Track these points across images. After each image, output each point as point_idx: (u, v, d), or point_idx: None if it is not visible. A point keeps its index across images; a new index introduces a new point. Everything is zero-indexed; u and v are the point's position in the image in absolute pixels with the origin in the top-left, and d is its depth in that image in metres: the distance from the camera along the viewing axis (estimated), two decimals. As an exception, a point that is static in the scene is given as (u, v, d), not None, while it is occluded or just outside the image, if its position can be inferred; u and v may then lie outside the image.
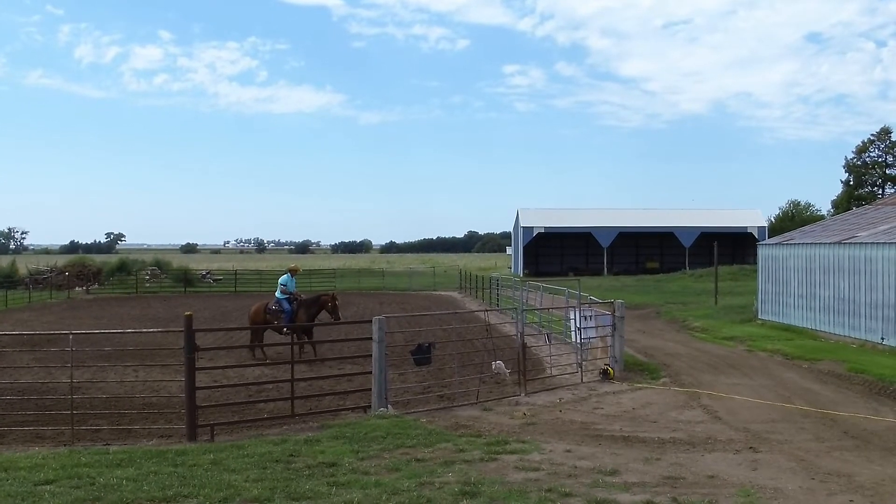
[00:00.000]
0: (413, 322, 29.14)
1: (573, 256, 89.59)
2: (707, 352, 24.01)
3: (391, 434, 12.30)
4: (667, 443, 12.14)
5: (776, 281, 31.11)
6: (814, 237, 29.81)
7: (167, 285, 64.24)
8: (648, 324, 33.29)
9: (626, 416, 14.50)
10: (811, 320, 27.91)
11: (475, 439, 12.16)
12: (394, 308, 41.78)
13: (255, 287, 61.30)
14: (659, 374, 19.37)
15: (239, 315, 37.49)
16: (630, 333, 24.60)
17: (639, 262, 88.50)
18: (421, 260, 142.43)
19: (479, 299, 46.61)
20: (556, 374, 18.82)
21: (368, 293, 56.41)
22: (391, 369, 15.73)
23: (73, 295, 55.71)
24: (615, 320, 19.50)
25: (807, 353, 22.79)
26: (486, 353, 18.34)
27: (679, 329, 31.48)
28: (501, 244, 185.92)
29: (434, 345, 16.73)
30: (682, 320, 34.11)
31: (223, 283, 66.55)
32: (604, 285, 57.76)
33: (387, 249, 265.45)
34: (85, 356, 19.41)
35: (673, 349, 24.50)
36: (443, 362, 19.03)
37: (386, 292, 57.85)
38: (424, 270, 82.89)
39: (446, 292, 56.76)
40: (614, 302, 20.30)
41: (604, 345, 20.09)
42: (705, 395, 16.43)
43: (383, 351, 14.61)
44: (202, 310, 40.11)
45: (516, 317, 18.93)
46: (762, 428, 13.32)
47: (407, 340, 22.83)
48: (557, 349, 21.48)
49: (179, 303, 47.28)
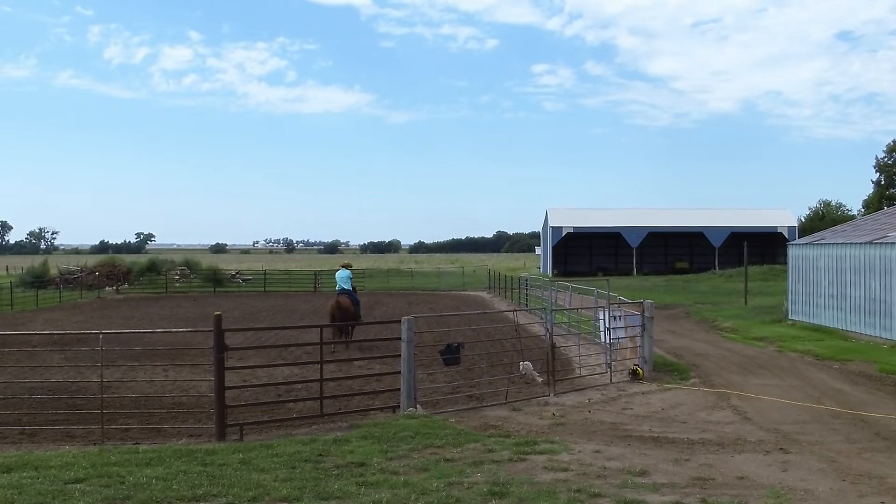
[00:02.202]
0: (442, 322, 29.13)
1: (602, 256, 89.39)
2: (737, 352, 23.83)
3: (420, 434, 12.29)
4: (696, 443, 12.07)
5: (806, 281, 30.84)
6: (844, 237, 29.51)
7: (196, 285, 64.59)
8: (678, 324, 33.10)
9: (655, 416, 14.43)
10: (842, 321, 27.63)
11: (504, 439, 12.13)
12: (422, 308, 41.80)
13: (284, 287, 61.66)
14: (688, 374, 19.26)
15: (267, 315, 37.69)
16: (659, 334, 24.47)
17: (668, 262, 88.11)
18: (450, 260, 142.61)
19: (508, 299, 46.53)
20: (586, 374, 18.76)
21: (397, 293, 56.48)
22: (420, 369, 15.73)
23: (104, 294, 56.21)
24: (644, 320, 19.42)
25: (837, 353, 22.58)
26: (514, 353, 18.29)
27: (708, 329, 31.27)
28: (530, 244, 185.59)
29: (463, 345, 16.68)
30: (711, 320, 33.88)
31: (252, 283, 66.86)
32: (633, 285, 57.55)
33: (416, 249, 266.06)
34: (115, 355, 19.56)
35: (702, 349, 24.35)
36: (472, 362, 18.99)
37: (415, 292, 57.89)
38: (453, 270, 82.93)
39: (475, 292, 56.69)
40: (644, 302, 20.21)
41: (633, 345, 20.00)
42: (735, 396, 16.31)
43: (412, 351, 14.62)
44: (231, 310, 40.32)
45: (545, 317, 18.88)
46: (792, 429, 13.21)
47: (436, 340, 22.82)
48: (587, 349, 21.41)
49: (209, 303, 47.54)
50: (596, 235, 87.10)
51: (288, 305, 44.49)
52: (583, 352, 20.61)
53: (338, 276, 26.86)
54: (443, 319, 29.44)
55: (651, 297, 30.57)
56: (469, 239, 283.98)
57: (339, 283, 26.40)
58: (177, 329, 23.41)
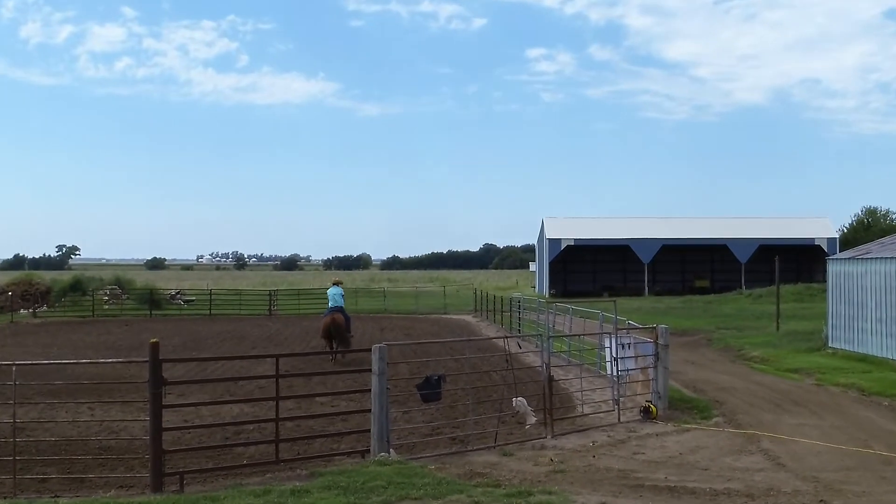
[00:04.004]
0: (420, 351, 29.11)
1: (608, 273, 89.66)
2: (768, 386, 23.90)
3: (393, 483, 12.25)
4: (720, 494, 12.07)
5: (850, 302, 30.96)
6: (894, 251, 29.67)
7: (129, 307, 64.31)
8: (698, 353, 33.20)
9: (671, 462, 14.44)
10: (892, 349, 27.75)
11: (493, 490, 12.11)
12: (397, 334, 41.75)
13: (234, 309, 61.45)
14: (710, 412, 19.29)
15: (213, 343, 37.58)
16: (676, 364, 24.52)
17: (686, 281, 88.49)
18: (429, 278, 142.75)
19: (498, 324, 46.56)
20: (589, 412, 18.78)
21: (367, 316, 56.38)
22: (394, 406, 15.69)
23: (18, 318, 55.80)
24: (658, 349, 19.43)
25: (887, 387, 22.66)
26: (506, 387, 18.27)
27: (734, 359, 31.37)
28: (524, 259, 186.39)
29: (444, 378, 16.65)
30: (737, 349, 34.00)
31: (196, 304, 66.65)
32: (644, 307, 57.73)
33: (388, 265, 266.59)
34: (31, 391, 19.41)
35: (727, 383, 24.41)
36: (455, 398, 18.97)
37: (388, 315, 57.85)
38: (433, 290, 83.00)
39: (458, 315, 56.78)
40: (657, 327, 20.24)
41: (645, 378, 20.01)
42: (766, 438, 16.33)
43: (385, 385, 14.58)
44: (171, 336, 40.17)
45: (541, 345, 18.88)
46: (834, 477, 13.22)
47: (413, 372, 22.78)
48: (590, 383, 21.41)
49: (144, 328, 47.35)
50: (601, 249, 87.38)
51: (238, 331, 44.38)
52: (586, 386, 20.61)
53: (330, 292, 31.68)
54: (421, 348, 29.42)
55: (666, 321, 30.62)
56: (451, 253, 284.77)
57: (332, 300, 30.99)
58: (105, 360, 23.32)
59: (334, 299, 31.19)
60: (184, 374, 24.88)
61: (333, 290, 31.66)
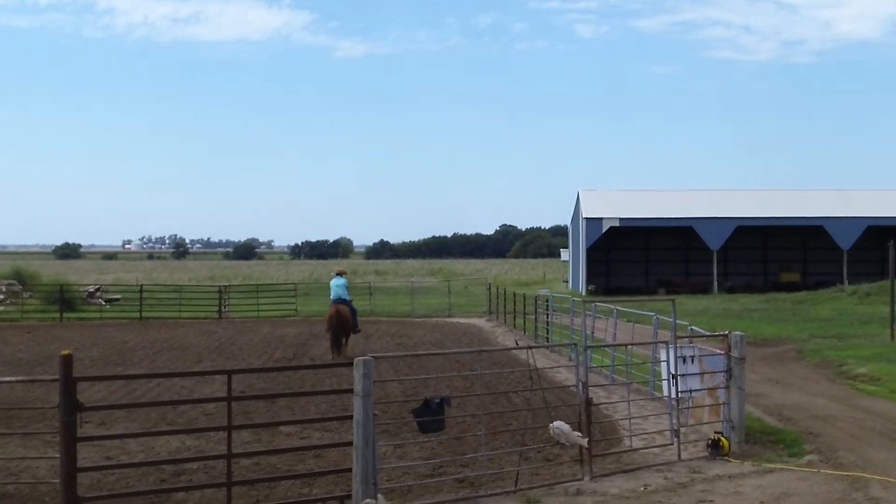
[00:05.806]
0: (417, 365, 29.16)
1: (664, 264, 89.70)
2: (879, 413, 23.87)
3: (382, 541, 12.26)
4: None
5: None
6: None
7: (33, 308, 64.32)
8: (785, 369, 33.18)
9: (750, 513, 14.44)
10: None
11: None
12: (387, 343, 41.82)
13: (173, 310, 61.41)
14: (802, 447, 19.27)
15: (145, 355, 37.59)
16: (755, 384, 24.53)
17: (768, 273, 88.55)
18: (429, 269, 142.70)
19: (519, 329, 46.59)
20: (639, 446, 18.78)
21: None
22: (382, 438, 15.70)
23: None
24: (731, 363, 19.42)
25: None
26: (530, 413, 18.28)
27: (833, 378, 31.34)
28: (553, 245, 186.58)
29: (449, 401, 16.66)
30: (837, 364, 33.94)
31: (122, 304, 66.66)
32: (713, 308, 57.73)
33: (375, 253, 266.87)
34: None
35: (824, 409, 24.40)
36: (462, 428, 19.00)
37: (376, 319, 57.85)
38: (434, 286, 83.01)
39: (467, 319, 56.91)
40: (730, 334, 20.21)
41: (713, 402, 20.02)
42: (876, 483, 16.32)
43: (371, 410, 14.58)
44: (89, 346, 40.20)
45: (576, 357, 18.88)
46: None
47: (407, 394, 22.82)
48: (641, 408, 21.42)
49: (53, 335, 47.34)
50: (655, 231, 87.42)
51: (178, 339, 44.40)
52: (634, 412, 20.64)
53: (333, 283, 35.57)
54: (418, 361, 29.47)
55: (742, 326, 30.60)
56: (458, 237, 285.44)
57: (336, 292, 34.88)
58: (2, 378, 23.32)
59: (336, 291, 35.04)
60: (106, 397, 24.89)
61: (336, 282, 35.45)
